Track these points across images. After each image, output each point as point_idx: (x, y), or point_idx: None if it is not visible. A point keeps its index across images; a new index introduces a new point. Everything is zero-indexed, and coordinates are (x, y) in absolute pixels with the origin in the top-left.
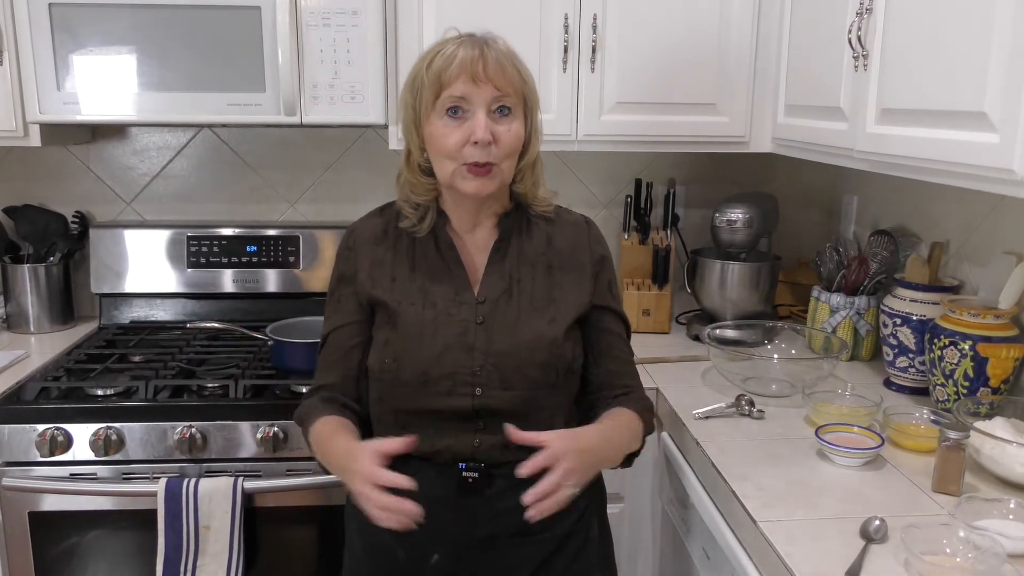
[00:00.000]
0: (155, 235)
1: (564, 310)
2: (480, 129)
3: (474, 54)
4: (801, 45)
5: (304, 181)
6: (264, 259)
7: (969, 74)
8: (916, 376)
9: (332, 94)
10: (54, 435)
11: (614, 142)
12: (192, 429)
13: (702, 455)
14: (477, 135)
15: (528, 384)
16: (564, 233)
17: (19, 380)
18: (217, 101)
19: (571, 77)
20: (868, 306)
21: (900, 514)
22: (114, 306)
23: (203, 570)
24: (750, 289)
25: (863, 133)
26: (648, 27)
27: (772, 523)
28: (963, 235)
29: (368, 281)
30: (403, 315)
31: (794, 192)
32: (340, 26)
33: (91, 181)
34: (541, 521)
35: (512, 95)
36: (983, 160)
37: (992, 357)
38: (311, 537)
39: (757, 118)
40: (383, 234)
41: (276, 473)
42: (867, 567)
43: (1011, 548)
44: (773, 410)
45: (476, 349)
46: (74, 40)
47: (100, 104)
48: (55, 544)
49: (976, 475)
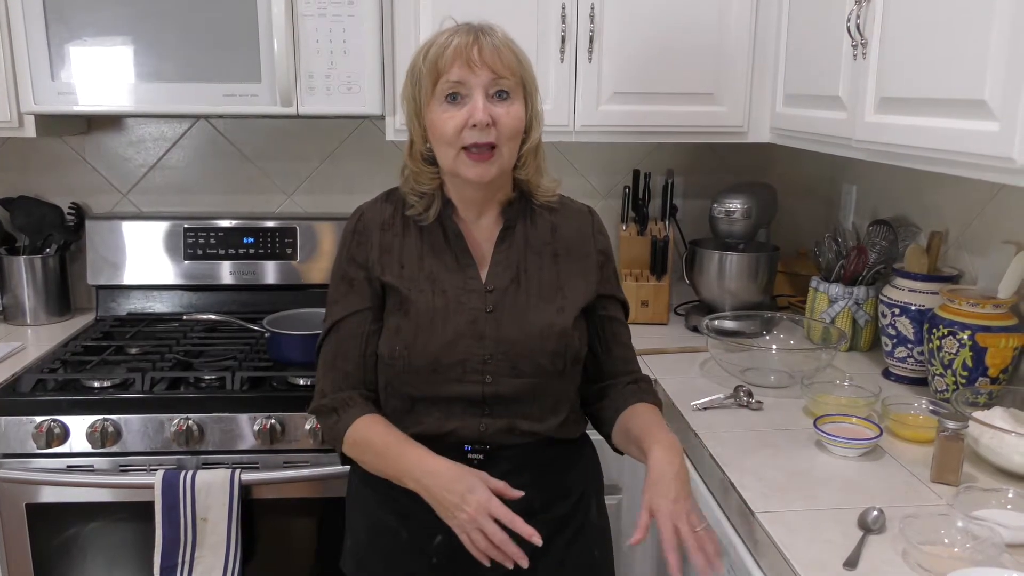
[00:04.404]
0: (152, 227)
1: (572, 299)
2: (478, 111)
3: (469, 40)
4: (799, 34)
5: (301, 172)
6: (261, 251)
7: (969, 62)
8: (915, 366)
9: (328, 84)
10: (51, 427)
11: (612, 132)
12: (189, 421)
13: (700, 446)
14: (476, 117)
15: (537, 372)
16: (569, 222)
17: (15, 372)
18: (213, 92)
19: (568, 67)
20: (867, 296)
21: (899, 504)
22: (111, 298)
23: (200, 562)
24: (748, 280)
25: (862, 122)
26: (646, 16)
27: (770, 514)
28: (962, 224)
29: (378, 266)
30: (414, 302)
31: (793, 182)
32: (336, 16)
33: (87, 172)
34: (542, 502)
35: (509, 78)
36: (983, 148)
37: (991, 347)
38: (308, 529)
39: (755, 108)
40: (391, 220)
41: (273, 465)
42: (865, 557)
43: (1009, 538)
44: (772, 401)
45: (487, 337)
46: (69, 30)
47: (95, 95)
48: (52, 536)
49: (975, 465)
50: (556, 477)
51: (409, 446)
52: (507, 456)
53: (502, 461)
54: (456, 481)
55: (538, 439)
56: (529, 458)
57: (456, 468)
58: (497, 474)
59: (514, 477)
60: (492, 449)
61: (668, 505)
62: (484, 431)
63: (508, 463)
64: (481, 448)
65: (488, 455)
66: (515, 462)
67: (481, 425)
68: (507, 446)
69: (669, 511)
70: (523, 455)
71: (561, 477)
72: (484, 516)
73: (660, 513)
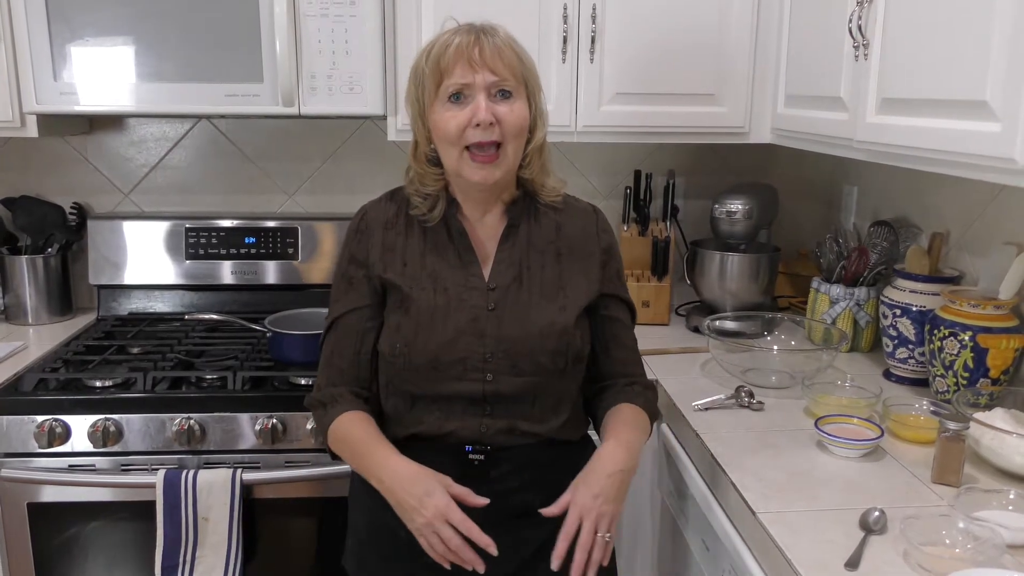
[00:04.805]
0: (153, 226)
1: (574, 297)
2: (481, 111)
3: (470, 40)
4: (801, 35)
5: (303, 172)
6: (263, 251)
7: (970, 62)
8: (916, 367)
9: (330, 85)
10: (52, 426)
11: (613, 133)
12: (191, 421)
13: (701, 447)
14: (479, 117)
15: (538, 371)
16: (573, 221)
17: (17, 371)
18: (215, 92)
19: (570, 68)
20: (868, 297)
21: (900, 505)
22: (112, 297)
23: (202, 561)
24: (750, 280)
25: (863, 123)
26: (647, 17)
27: (771, 514)
28: (963, 225)
29: (380, 264)
30: (415, 300)
31: (794, 183)
32: (338, 16)
33: (89, 172)
34: (543, 503)
35: (511, 79)
36: (984, 149)
37: (992, 348)
38: (309, 528)
39: (757, 108)
40: (395, 218)
41: (275, 465)
42: (867, 558)
43: (1010, 539)
44: (773, 401)
45: (487, 335)
46: (71, 30)
47: (97, 95)
48: (54, 535)
49: (976, 466)
50: (557, 478)
51: (378, 445)
52: (508, 457)
53: (503, 462)
54: (415, 483)
55: (539, 440)
56: (530, 459)
57: (417, 470)
58: (498, 475)
59: (514, 478)
60: (493, 450)
61: (586, 499)
62: (485, 432)
63: (509, 464)
64: (482, 449)
65: (489, 456)
66: (516, 463)
67: (482, 426)
68: (508, 447)
69: (583, 504)
70: (524, 456)
71: (562, 478)
72: (440, 521)
73: (574, 503)
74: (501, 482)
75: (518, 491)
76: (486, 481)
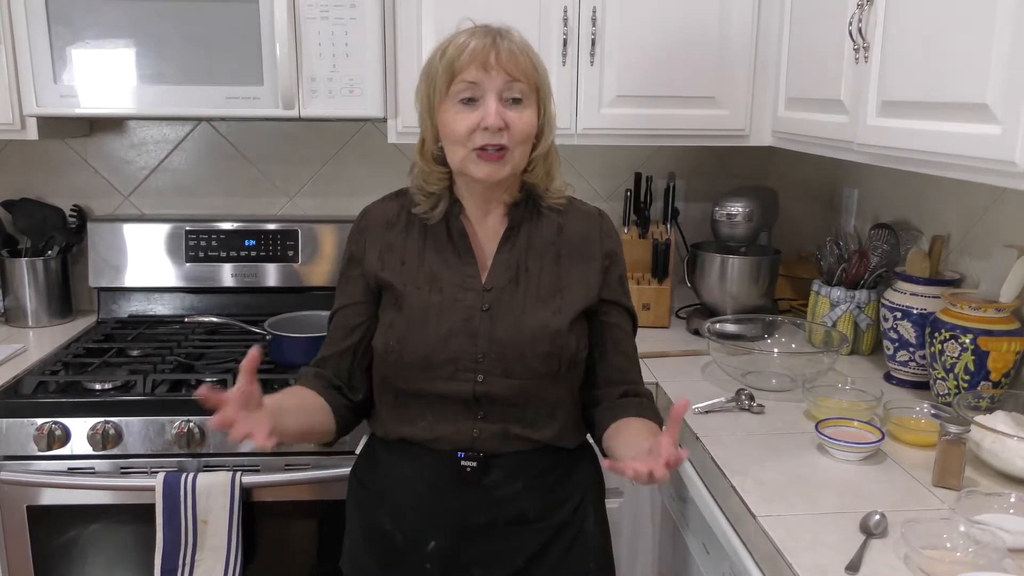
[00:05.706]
0: (153, 229)
1: (570, 301)
2: (491, 115)
3: (486, 42)
4: (801, 37)
5: (303, 175)
6: (263, 253)
7: (971, 65)
8: (916, 370)
9: (330, 87)
10: (52, 429)
11: (614, 135)
12: (190, 423)
13: (702, 450)
14: (488, 120)
15: (530, 374)
16: (576, 223)
17: (17, 374)
18: (215, 94)
19: (570, 70)
20: (868, 300)
21: (900, 508)
22: (112, 300)
23: (201, 564)
24: (750, 283)
25: (864, 126)
26: (648, 20)
27: (772, 518)
28: (964, 228)
29: (377, 263)
30: (409, 298)
31: (794, 185)
32: (338, 19)
33: (89, 175)
34: (537, 511)
35: (524, 83)
36: (984, 152)
37: (993, 351)
38: (309, 531)
39: (757, 111)
40: (396, 218)
41: (274, 468)
42: (867, 561)
43: (1011, 542)
44: (773, 404)
45: (480, 336)
46: (71, 32)
47: (97, 97)
48: (53, 538)
49: (976, 469)
50: (552, 485)
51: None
52: (501, 464)
53: (496, 469)
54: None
55: (534, 446)
56: (523, 466)
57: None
58: (491, 482)
59: (508, 485)
60: (486, 456)
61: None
62: (477, 436)
63: (502, 471)
64: (474, 455)
65: (481, 462)
66: (509, 470)
67: (474, 431)
68: (501, 453)
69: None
70: (517, 463)
71: (557, 485)
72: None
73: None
74: (494, 489)
75: (512, 498)
76: (479, 488)
